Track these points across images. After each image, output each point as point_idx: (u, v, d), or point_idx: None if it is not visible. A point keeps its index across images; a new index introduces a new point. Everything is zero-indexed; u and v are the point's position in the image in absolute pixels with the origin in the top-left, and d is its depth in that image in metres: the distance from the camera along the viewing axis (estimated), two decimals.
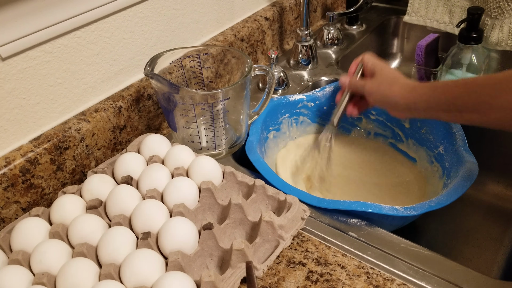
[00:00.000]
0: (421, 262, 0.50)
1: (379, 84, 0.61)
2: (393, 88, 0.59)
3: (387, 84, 0.60)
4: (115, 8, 0.64)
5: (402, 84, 0.58)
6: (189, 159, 0.61)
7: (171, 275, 0.45)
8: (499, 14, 0.80)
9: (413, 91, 0.57)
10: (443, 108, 0.54)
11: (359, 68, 0.67)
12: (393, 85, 0.59)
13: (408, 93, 0.57)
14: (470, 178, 0.57)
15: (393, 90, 0.59)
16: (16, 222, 0.54)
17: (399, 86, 0.58)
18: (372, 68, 0.63)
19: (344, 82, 0.67)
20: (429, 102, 0.55)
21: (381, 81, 0.61)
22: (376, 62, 0.64)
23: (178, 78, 0.70)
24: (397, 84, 0.59)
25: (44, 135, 0.60)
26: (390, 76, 0.60)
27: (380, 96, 0.61)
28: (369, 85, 0.62)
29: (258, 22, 0.89)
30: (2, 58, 0.54)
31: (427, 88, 0.56)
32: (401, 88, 0.58)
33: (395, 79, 0.60)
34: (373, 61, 0.64)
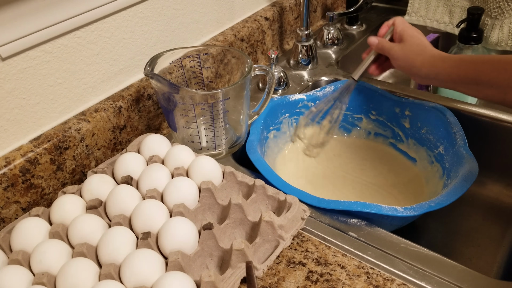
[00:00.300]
0: (421, 262, 0.50)
1: (406, 51, 0.63)
2: (418, 58, 0.61)
3: (413, 52, 0.62)
4: (115, 8, 0.64)
5: (428, 55, 0.60)
6: (189, 159, 0.61)
7: (171, 275, 0.45)
8: (499, 14, 0.80)
9: (438, 63, 0.59)
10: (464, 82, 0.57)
11: (390, 31, 0.68)
12: (419, 55, 0.61)
13: (431, 65, 0.59)
14: (470, 178, 0.57)
15: (417, 59, 0.61)
16: (16, 222, 0.54)
17: (424, 56, 0.60)
18: (402, 33, 0.65)
19: (373, 42, 0.69)
20: (451, 75, 0.57)
21: (408, 48, 0.63)
22: (406, 27, 0.65)
23: (178, 78, 0.70)
24: (423, 54, 0.61)
25: (44, 135, 0.60)
26: (418, 44, 0.62)
27: (404, 63, 0.63)
28: (396, 49, 0.64)
29: (258, 22, 0.89)
30: (2, 58, 0.54)
31: (452, 62, 0.58)
32: (426, 59, 0.60)
33: (422, 48, 0.61)
34: (403, 26, 0.66)
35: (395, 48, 0.65)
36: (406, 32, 0.64)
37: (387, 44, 0.66)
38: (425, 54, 0.61)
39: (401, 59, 0.64)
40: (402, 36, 0.65)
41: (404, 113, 0.74)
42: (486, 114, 0.72)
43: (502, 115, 0.72)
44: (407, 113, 0.73)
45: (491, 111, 0.72)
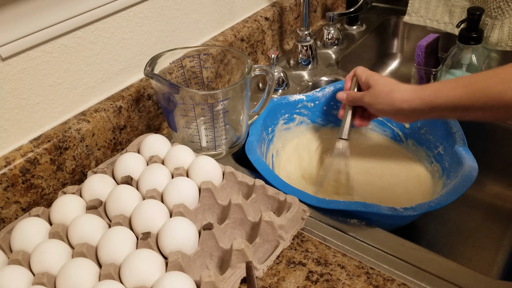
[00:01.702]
0: (421, 262, 0.50)
1: (378, 94, 0.61)
2: (393, 96, 0.58)
3: (385, 93, 0.60)
4: (115, 8, 0.64)
5: (402, 89, 0.58)
6: (189, 159, 0.61)
7: (171, 275, 0.45)
8: (499, 14, 0.80)
9: (414, 94, 0.57)
10: (449, 109, 0.54)
11: (355, 82, 0.67)
12: (392, 93, 0.59)
13: (409, 98, 0.57)
14: (470, 178, 0.57)
15: (393, 97, 0.58)
16: (16, 222, 0.54)
17: (399, 92, 0.58)
18: (367, 81, 0.63)
19: (342, 97, 0.67)
20: (433, 105, 0.55)
21: (378, 91, 0.61)
22: (369, 74, 0.64)
23: (178, 78, 0.70)
24: (396, 91, 0.58)
25: (44, 135, 0.60)
26: (388, 85, 0.60)
27: (381, 106, 0.60)
28: (368, 96, 0.62)
29: (258, 22, 0.89)
30: (2, 58, 0.54)
31: (429, 90, 0.55)
32: (401, 93, 0.58)
33: (392, 87, 0.59)
34: (366, 74, 0.64)
35: (366, 96, 0.62)
36: (370, 78, 0.63)
37: (357, 95, 0.65)
38: (398, 90, 0.58)
39: (375, 103, 0.61)
40: (368, 83, 0.63)
41: None
42: None
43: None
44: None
45: None
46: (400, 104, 0.58)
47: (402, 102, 0.57)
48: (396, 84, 0.59)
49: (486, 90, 0.50)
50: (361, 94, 0.64)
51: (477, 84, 0.51)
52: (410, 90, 0.57)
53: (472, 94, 0.51)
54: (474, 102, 0.51)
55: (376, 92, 0.61)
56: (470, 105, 0.52)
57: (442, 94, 0.54)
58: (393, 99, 0.58)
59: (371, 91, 0.62)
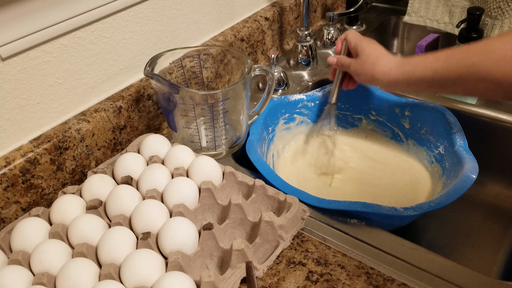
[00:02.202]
0: (421, 263, 0.50)
1: (363, 63, 0.62)
2: (375, 68, 0.59)
3: (370, 63, 0.61)
4: (115, 8, 0.64)
5: (384, 62, 0.59)
6: (189, 159, 0.61)
7: (171, 275, 0.45)
8: (499, 14, 0.80)
9: (396, 68, 0.58)
10: (426, 82, 0.55)
11: (345, 46, 0.68)
12: (375, 64, 0.60)
13: (390, 71, 0.58)
14: (470, 178, 0.57)
15: (375, 70, 0.59)
16: (16, 222, 0.54)
17: (381, 64, 0.59)
18: (355, 48, 0.64)
19: (332, 61, 0.68)
20: (412, 79, 0.56)
21: (364, 60, 0.62)
22: (358, 40, 0.64)
23: (178, 78, 0.70)
24: (379, 63, 0.59)
25: (44, 135, 0.60)
26: (373, 55, 0.61)
27: (364, 76, 0.62)
28: (353, 65, 0.63)
29: (258, 22, 0.89)
30: (2, 58, 0.54)
31: (408, 65, 0.56)
32: (383, 66, 0.59)
33: (377, 57, 0.60)
34: (355, 40, 0.65)
35: (352, 63, 0.64)
36: (359, 45, 0.63)
37: (346, 61, 0.65)
38: (381, 62, 0.59)
39: (360, 73, 0.62)
40: (356, 50, 0.64)
41: (404, 113, 0.74)
42: (486, 114, 0.72)
43: (502, 115, 0.72)
44: (407, 113, 0.73)
45: (491, 111, 0.72)
46: (381, 76, 0.59)
47: (382, 75, 0.59)
48: (381, 55, 0.60)
49: (460, 61, 0.50)
50: (348, 62, 0.65)
51: (454, 56, 0.51)
52: (393, 63, 0.58)
53: (448, 66, 0.52)
54: (450, 74, 0.51)
55: (362, 61, 0.62)
56: (446, 78, 0.52)
57: (420, 68, 0.55)
58: (374, 71, 0.60)
59: (358, 60, 0.63)
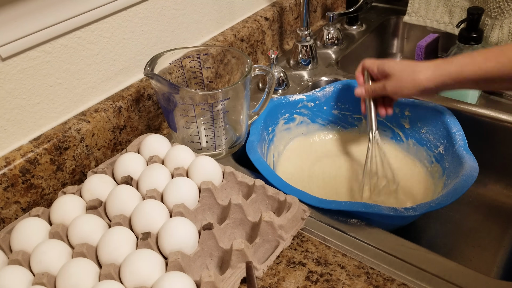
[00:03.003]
0: (421, 263, 0.50)
1: (400, 80, 0.61)
2: (417, 77, 0.59)
3: (408, 76, 0.60)
4: (115, 8, 0.64)
5: (424, 68, 0.59)
6: (189, 159, 0.61)
7: (171, 275, 0.45)
8: (499, 14, 0.80)
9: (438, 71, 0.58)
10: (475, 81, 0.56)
11: (367, 75, 0.67)
12: (415, 74, 0.59)
13: (433, 76, 0.58)
14: (470, 178, 0.57)
15: (418, 79, 0.59)
16: (16, 222, 0.54)
17: (422, 72, 0.59)
18: (382, 70, 0.63)
19: (361, 92, 0.67)
20: (459, 79, 0.56)
21: (400, 76, 0.61)
22: (380, 63, 0.64)
23: (178, 78, 0.70)
24: (419, 72, 0.59)
25: (44, 135, 0.60)
26: (407, 68, 0.61)
27: (407, 90, 0.61)
28: (390, 85, 0.62)
29: (258, 22, 0.89)
30: (2, 58, 0.54)
31: (454, 66, 0.57)
32: (425, 73, 0.58)
33: (412, 69, 0.60)
34: (377, 64, 0.64)
35: (387, 84, 0.62)
36: (385, 66, 0.63)
37: (377, 86, 0.64)
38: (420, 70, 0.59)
39: (401, 89, 0.61)
40: (383, 71, 0.63)
41: (404, 113, 0.74)
42: (486, 114, 0.72)
43: (502, 115, 0.72)
44: (407, 113, 0.73)
45: (491, 111, 0.72)
46: (426, 83, 0.58)
47: (428, 81, 0.58)
48: (415, 65, 0.60)
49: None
50: (381, 84, 0.64)
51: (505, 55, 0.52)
52: (433, 68, 0.58)
53: (501, 66, 0.52)
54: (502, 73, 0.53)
55: (397, 78, 0.61)
56: (498, 76, 0.53)
57: (470, 67, 0.55)
58: (418, 81, 0.59)
59: (393, 79, 0.62)
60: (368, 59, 0.67)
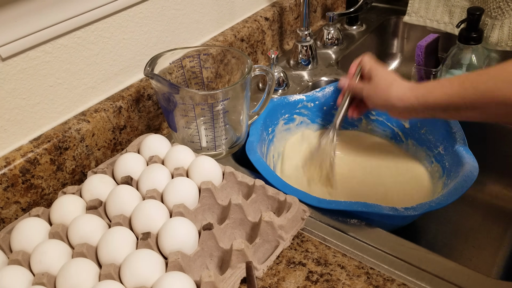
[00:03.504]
0: (421, 263, 0.50)
1: (376, 88, 0.61)
2: (389, 92, 0.59)
3: (383, 88, 0.60)
4: (115, 8, 0.64)
5: (398, 87, 0.59)
6: (189, 159, 0.61)
7: (171, 275, 0.45)
8: (499, 14, 0.80)
9: (409, 93, 0.57)
10: (441, 108, 0.55)
11: (358, 71, 0.67)
12: (389, 89, 0.59)
13: (404, 96, 0.57)
14: (470, 178, 0.57)
15: (389, 94, 0.59)
16: (16, 223, 0.54)
17: (395, 89, 0.59)
18: (369, 72, 0.64)
19: (344, 84, 0.68)
20: (426, 104, 0.55)
21: (377, 85, 0.61)
22: (373, 65, 0.64)
23: (178, 78, 0.70)
24: (393, 88, 0.59)
25: (44, 135, 0.60)
26: (386, 80, 0.60)
27: (378, 100, 0.61)
28: (367, 89, 0.63)
29: (258, 22, 0.89)
30: (2, 58, 0.54)
31: (423, 89, 0.56)
32: (397, 91, 0.58)
33: (391, 82, 0.60)
34: (370, 64, 0.64)
35: (365, 87, 0.63)
36: (373, 69, 0.63)
37: (358, 85, 0.65)
38: (395, 87, 0.59)
39: (373, 97, 0.62)
40: (370, 74, 0.63)
41: None
42: None
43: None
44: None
45: None
46: (395, 102, 0.58)
47: (397, 100, 0.58)
48: (394, 80, 0.60)
49: (476, 87, 0.50)
50: (360, 86, 0.64)
51: (468, 81, 0.51)
52: (406, 88, 0.58)
53: (463, 92, 0.51)
54: (465, 100, 0.51)
55: (375, 85, 0.61)
56: (462, 103, 0.52)
57: (435, 93, 0.54)
58: (389, 96, 0.59)
59: (371, 84, 0.62)
60: (368, 56, 0.67)
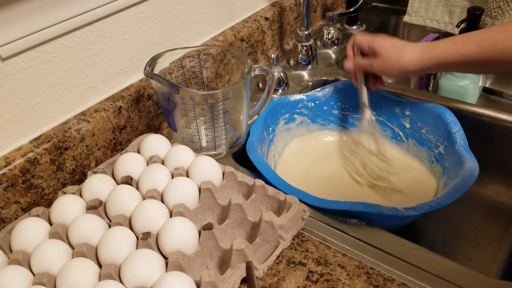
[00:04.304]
0: (421, 262, 0.50)
1: (387, 60, 0.62)
2: (401, 60, 0.60)
3: (394, 58, 0.61)
4: (115, 8, 0.64)
5: (410, 53, 0.60)
6: (189, 159, 0.61)
7: (171, 275, 0.45)
8: (499, 14, 0.80)
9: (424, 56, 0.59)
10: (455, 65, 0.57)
11: (357, 50, 0.68)
12: (401, 56, 0.60)
13: (418, 61, 0.59)
14: (471, 178, 0.57)
15: (402, 61, 0.60)
16: (16, 222, 0.54)
17: (407, 56, 0.60)
18: (371, 47, 0.64)
19: (350, 66, 0.69)
20: (441, 63, 0.58)
21: (387, 57, 0.62)
22: (370, 40, 0.65)
23: (178, 78, 0.70)
24: (404, 55, 0.60)
25: (44, 135, 0.60)
26: (394, 48, 0.62)
27: (391, 71, 0.62)
28: (376, 64, 0.63)
29: (258, 22, 0.89)
30: (2, 58, 0.54)
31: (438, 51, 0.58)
32: (409, 58, 0.60)
33: (399, 49, 0.61)
34: (367, 40, 0.65)
35: (374, 63, 0.64)
36: (374, 43, 0.64)
37: (364, 62, 0.66)
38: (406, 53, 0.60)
39: (386, 69, 0.63)
40: (373, 49, 0.64)
41: (404, 113, 0.74)
42: (486, 114, 0.72)
43: (502, 115, 0.72)
44: (407, 113, 0.73)
45: (491, 111, 0.72)
46: (410, 67, 0.60)
47: (412, 65, 0.60)
48: (402, 47, 0.61)
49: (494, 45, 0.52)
50: (368, 62, 0.65)
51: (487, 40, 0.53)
52: (418, 52, 0.59)
53: (480, 51, 0.54)
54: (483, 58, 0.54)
55: (384, 58, 0.62)
56: (479, 61, 0.54)
57: (451, 53, 0.57)
58: (403, 63, 0.60)
59: (379, 58, 0.63)
60: (360, 35, 0.67)
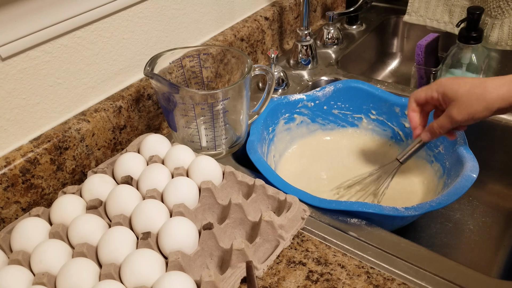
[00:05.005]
0: (421, 262, 0.50)
1: (469, 106, 0.53)
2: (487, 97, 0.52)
3: (477, 100, 0.53)
4: (115, 8, 0.64)
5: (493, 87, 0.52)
6: (189, 159, 0.61)
7: (171, 275, 0.45)
8: (499, 14, 0.80)
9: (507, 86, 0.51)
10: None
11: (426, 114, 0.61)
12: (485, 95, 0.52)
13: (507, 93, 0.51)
14: (471, 178, 0.57)
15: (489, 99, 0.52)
16: (16, 222, 0.54)
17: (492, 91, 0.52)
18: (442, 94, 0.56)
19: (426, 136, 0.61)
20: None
21: (467, 102, 0.53)
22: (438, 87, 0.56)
23: (178, 78, 0.70)
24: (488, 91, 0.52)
25: (44, 135, 0.60)
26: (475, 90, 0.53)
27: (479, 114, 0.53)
28: (459, 115, 0.54)
29: (258, 22, 0.89)
30: (2, 58, 0.54)
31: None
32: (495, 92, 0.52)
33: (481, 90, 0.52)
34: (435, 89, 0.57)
35: (453, 113, 0.54)
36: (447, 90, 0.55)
37: (443, 120, 0.56)
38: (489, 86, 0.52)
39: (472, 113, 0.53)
40: (445, 96, 0.55)
41: (404, 113, 0.74)
42: None
43: (502, 114, 0.72)
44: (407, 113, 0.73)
45: None
46: (499, 104, 0.52)
47: (501, 101, 0.52)
48: (483, 84, 0.52)
49: None
50: (447, 119, 0.56)
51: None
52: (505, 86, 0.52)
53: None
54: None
55: (465, 103, 0.53)
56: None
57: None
58: (489, 101, 0.52)
59: (458, 105, 0.54)
60: (416, 91, 0.59)
